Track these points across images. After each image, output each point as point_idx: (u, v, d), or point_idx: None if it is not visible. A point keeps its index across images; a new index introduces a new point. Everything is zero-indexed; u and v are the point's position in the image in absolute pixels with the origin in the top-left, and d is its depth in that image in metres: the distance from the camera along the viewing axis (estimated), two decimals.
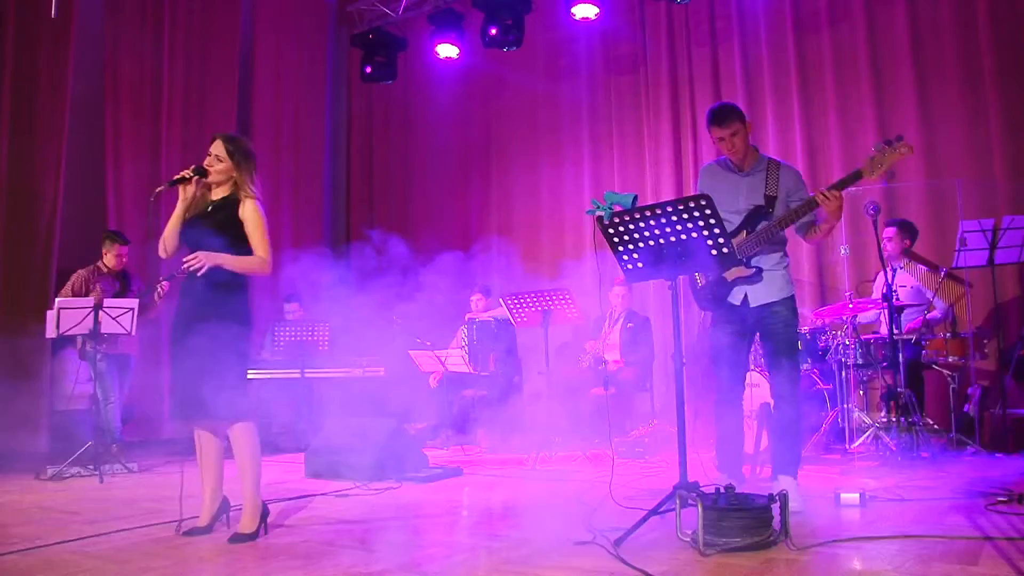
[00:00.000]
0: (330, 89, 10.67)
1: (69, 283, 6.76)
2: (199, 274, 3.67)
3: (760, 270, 4.09)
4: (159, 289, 6.46)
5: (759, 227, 4.11)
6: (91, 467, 6.07)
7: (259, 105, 9.59)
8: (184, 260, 3.70)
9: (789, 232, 4.26)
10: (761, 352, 4.54)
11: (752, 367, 5.48)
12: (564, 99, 9.37)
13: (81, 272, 6.80)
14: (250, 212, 3.80)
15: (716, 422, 4.38)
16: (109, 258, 6.85)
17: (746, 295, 4.16)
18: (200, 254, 3.67)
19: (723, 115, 4.19)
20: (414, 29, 9.92)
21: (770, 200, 4.15)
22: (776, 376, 4.21)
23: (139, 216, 8.01)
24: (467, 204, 9.91)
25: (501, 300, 6.88)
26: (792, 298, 4.22)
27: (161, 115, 8.47)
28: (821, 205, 3.99)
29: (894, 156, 3.96)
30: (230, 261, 3.71)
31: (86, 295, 6.62)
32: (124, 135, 8.19)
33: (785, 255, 4.26)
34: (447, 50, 9.24)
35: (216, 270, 3.69)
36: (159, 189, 3.86)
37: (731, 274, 4.12)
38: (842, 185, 4.01)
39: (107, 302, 6.22)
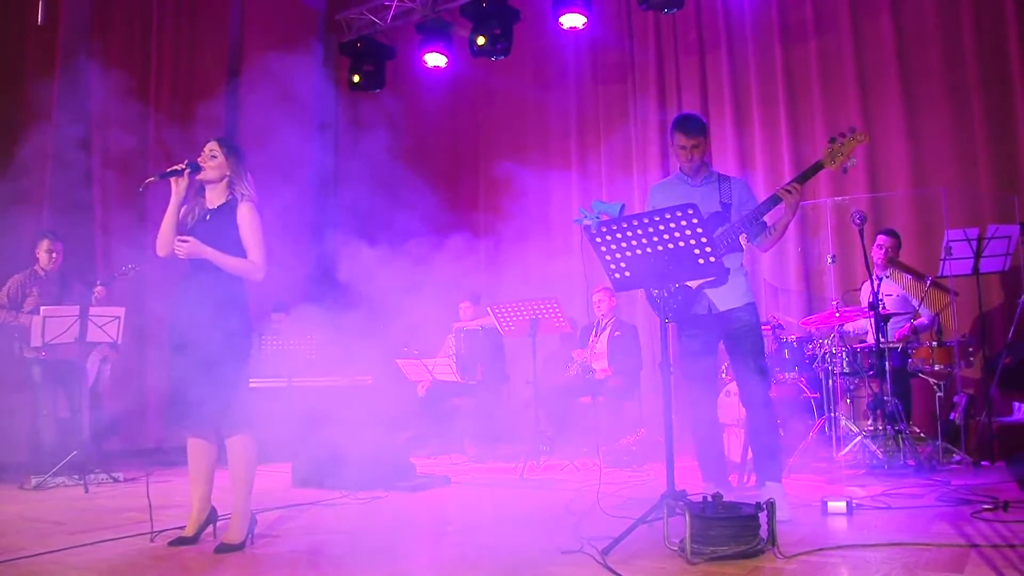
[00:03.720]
0: (318, 98, 10.65)
1: (4, 289, 6.50)
2: (180, 257, 3.68)
3: (728, 270, 4.11)
4: (95, 293, 6.39)
5: (718, 231, 4.14)
6: (76, 477, 6.02)
7: (246, 113, 9.56)
8: (176, 243, 3.69)
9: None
10: (729, 361, 4.58)
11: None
12: (552, 108, 9.39)
13: (16, 277, 6.55)
14: (246, 215, 3.78)
15: (692, 433, 4.40)
16: (41, 256, 6.59)
17: (711, 302, 4.18)
18: (190, 241, 3.66)
19: (691, 125, 4.28)
20: (402, 38, 9.92)
21: (726, 207, 4.23)
22: (745, 383, 4.25)
23: (126, 226, 7.96)
24: (455, 211, 9.90)
25: (489, 309, 6.88)
26: (753, 305, 4.28)
27: (149, 125, 8.43)
28: (783, 200, 4.06)
29: (852, 144, 4.13)
30: (218, 257, 3.70)
31: (22, 301, 6.45)
32: (111, 145, 8.15)
33: (743, 264, 4.31)
34: (435, 59, 9.24)
35: (220, 282, 3.70)
36: (150, 180, 3.80)
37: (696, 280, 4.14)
38: (804, 177, 4.15)
39: (93, 310, 6.16)
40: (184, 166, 3.78)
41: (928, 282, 6.18)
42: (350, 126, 10.72)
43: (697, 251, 3.49)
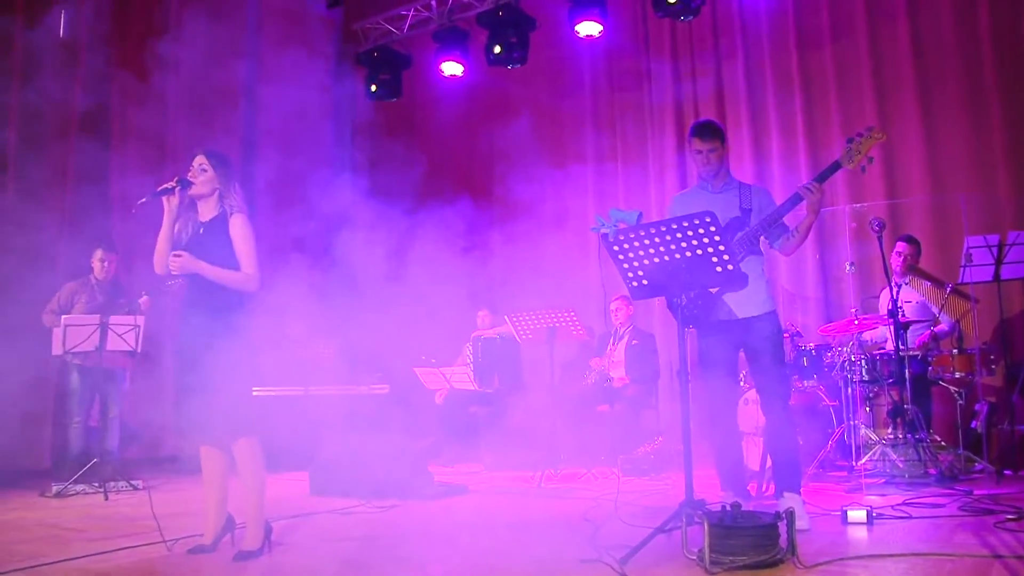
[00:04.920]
0: (335, 107, 10.71)
1: (56, 296, 6.67)
2: (173, 273, 3.74)
3: (747, 276, 4.10)
4: (140, 304, 6.46)
5: (737, 236, 4.13)
6: (95, 484, 6.06)
7: (264, 123, 9.62)
8: (170, 259, 3.74)
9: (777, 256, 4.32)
10: (748, 369, 4.56)
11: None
12: (568, 116, 9.40)
13: (70, 284, 6.73)
14: (238, 227, 3.82)
15: (711, 442, 4.38)
16: (95, 265, 6.77)
17: (730, 309, 4.16)
18: (183, 256, 3.71)
19: (706, 130, 4.30)
20: (419, 47, 9.96)
21: (746, 212, 4.22)
22: (765, 391, 4.23)
23: (144, 235, 8.00)
24: (472, 220, 9.90)
25: (506, 318, 6.88)
26: (774, 313, 4.26)
27: (167, 136, 8.49)
28: (804, 198, 4.04)
29: (870, 143, 4.12)
30: (211, 271, 3.74)
31: (70, 308, 6.56)
32: (129, 156, 8.20)
33: (764, 271, 4.29)
34: (452, 68, 9.27)
35: (217, 291, 3.73)
36: (142, 200, 3.87)
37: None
38: (822, 177, 4.13)
39: (113, 319, 6.20)
40: (174, 183, 3.84)
41: (948, 289, 6.13)
42: (367, 135, 10.77)
43: (715, 259, 3.48)
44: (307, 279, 6.44)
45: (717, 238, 3.43)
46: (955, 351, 5.90)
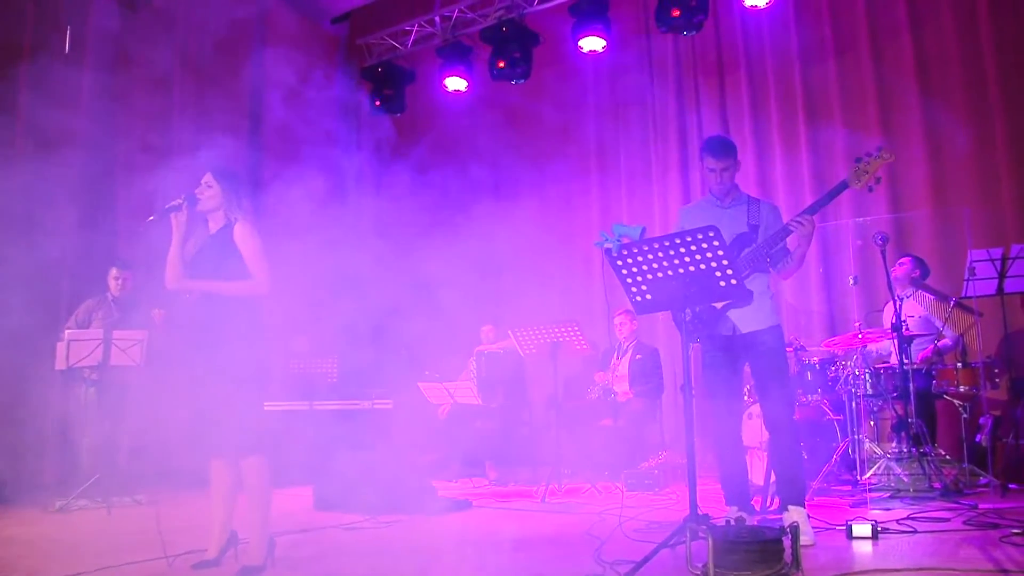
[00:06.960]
0: (339, 122, 10.75)
1: (75, 313, 6.77)
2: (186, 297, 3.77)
3: (751, 292, 4.10)
4: (153, 317, 6.49)
5: (744, 252, 4.14)
6: (99, 499, 6.06)
7: (268, 137, 9.66)
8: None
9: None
10: (752, 383, 4.56)
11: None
12: (572, 130, 9.42)
13: (88, 302, 6.81)
14: (242, 234, 3.86)
15: (716, 455, 4.38)
16: (111, 283, 6.85)
17: (734, 324, 4.17)
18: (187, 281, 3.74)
19: (721, 148, 4.31)
20: (423, 62, 10.01)
21: (753, 228, 4.24)
22: (768, 406, 4.22)
23: (149, 251, 8.02)
24: (475, 234, 9.92)
25: (510, 332, 6.88)
26: (778, 327, 4.27)
27: (172, 150, 8.51)
28: (794, 231, 4.04)
29: (878, 163, 4.12)
30: (215, 286, 3.77)
31: (88, 325, 6.62)
32: (136, 171, 8.22)
33: (769, 286, 4.30)
34: (455, 83, 9.31)
35: (222, 310, 3.75)
36: (150, 219, 3.91)
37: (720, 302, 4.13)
38: (829, 197, 4.17)
39: (116, 334, 6.22)
40: (181, 200, 3.89)
41: (952, 303, 6.13)
42: (370, 151, 10.80)
43: (719, 273, 3.49)
44: (312, 296, 6.46)
45: (720, 253, 3.44)
46: (959, 365, 5.89)
